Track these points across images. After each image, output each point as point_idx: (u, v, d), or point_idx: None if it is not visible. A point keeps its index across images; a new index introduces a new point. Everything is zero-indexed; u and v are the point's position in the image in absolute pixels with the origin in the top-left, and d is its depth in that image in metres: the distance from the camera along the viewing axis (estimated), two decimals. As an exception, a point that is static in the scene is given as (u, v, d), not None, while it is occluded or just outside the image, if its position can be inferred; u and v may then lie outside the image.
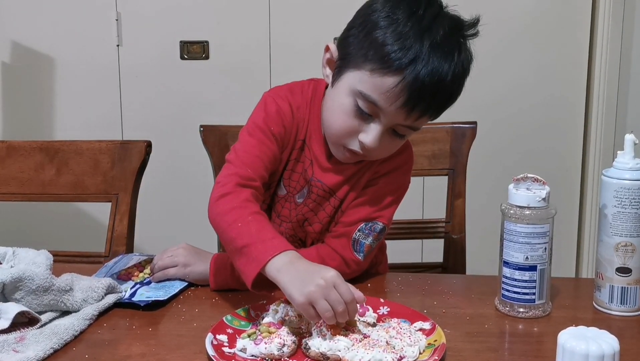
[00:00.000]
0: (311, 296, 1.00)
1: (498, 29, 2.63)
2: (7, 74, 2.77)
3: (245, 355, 1.00)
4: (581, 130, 2.69)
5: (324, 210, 1.30)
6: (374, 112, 1.16)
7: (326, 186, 1.28)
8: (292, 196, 1.31)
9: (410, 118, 1.15)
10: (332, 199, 1.29)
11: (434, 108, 1.17)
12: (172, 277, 1.27)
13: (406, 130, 1.20)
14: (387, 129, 1.17)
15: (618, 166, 1.12)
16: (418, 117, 1.16)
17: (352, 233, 1.27)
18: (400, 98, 1.12)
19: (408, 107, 1.13)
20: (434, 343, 1.02)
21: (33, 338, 1.04)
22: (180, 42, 2.68)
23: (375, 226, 1.28)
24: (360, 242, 1.27)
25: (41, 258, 1.19)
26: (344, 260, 1.26)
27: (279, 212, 1.33)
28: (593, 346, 0.84)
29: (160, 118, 2.71)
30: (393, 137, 1.20)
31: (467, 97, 2.92)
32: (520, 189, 1.12)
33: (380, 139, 1.17)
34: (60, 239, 2.49)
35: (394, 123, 1.17)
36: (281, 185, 1.31)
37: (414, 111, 1.14)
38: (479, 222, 2.17)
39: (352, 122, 1.18)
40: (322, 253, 1.26)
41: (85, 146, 1.62)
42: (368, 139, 1.17)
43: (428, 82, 1.12)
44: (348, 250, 1.26)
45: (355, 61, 1.16)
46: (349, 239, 1.27)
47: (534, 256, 1.11)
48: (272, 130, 1.25)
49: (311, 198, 1.30)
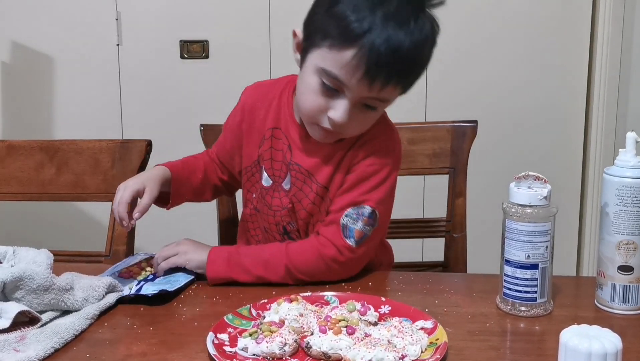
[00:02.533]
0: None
1: (499, 28, 2.63)
2: (7, 74, 2.76)
3: (247, 354, 1.00)
4: (582, 128, 2.69)
5: (307, 197, 1.31)
6: (339, 87, 1.18)
7: (303, 168, 1.30)
8: (279, 185, 1.34)
9: (374, 89, 1.17)
10: (313, 185, 1.30)
11: (397, 77, 1.18)
12: (173, 265, 1.28)
13: (375, 102, 1.21)
14: (355, 102, 1.20)
15: (620, 164, 1.12)
16: (382, 88, 1.18)
17: (339, 218, 1.27)
18: (359, 70, 1.15)
19: (368, 78, 1.15)
20: (436, 341, 1.01)
21: (34, 338, 1.04)
22: (180, 41, 2.68)
23: (363, 210, 1.27)
24: (349, 227, 1.26)
25: (42, 257, 1.19)
26: (337, 248, 1.26)
27: (270, 204, 1.35)
28: (596, 344, 0.84)
29: (161, 117, 2.71)
30: (364, 110, 1.22)
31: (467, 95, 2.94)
32: (522, 188, 1.12)
33: (350, 114, 1.20)
34: (60, 239, 2.50)
35: (360, 96, 1.19)
36: (265, 176, 1.34)
37: (375, 81, 1.16)
38: (479, 221, 2.17)
39: (320, 100, 1.21)
40: (318, 243, 1.27)
41: (85, 145, 1.62)
42: (337, 115, 1.20)
43: (384, 51, 1.14)
44: (338, 237, 1.26)
45: (316, 39, 1.19)
46: (337, 225, 1.27)
47: (536, 255, 1.11)
48: (229, 124, 1.39)
49: (293, 183, 1.32)
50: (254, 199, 1.39)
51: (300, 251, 1.26)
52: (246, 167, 1.39)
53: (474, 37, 2.64)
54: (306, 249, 1.26)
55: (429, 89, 2.67)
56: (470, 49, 2.64)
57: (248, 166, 1.38)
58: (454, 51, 2.63)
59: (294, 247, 1.28)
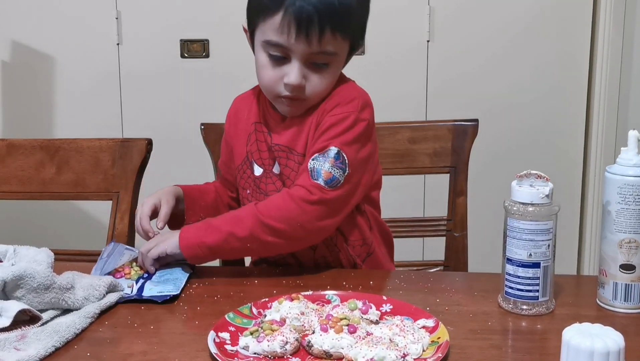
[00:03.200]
0: None
1: (499, 27, 2.63)
2: (7, 73, 2.76)
3: (248, 352, 1.00)
4: (582, 127, 2.69)
5: (293, 170, 1.34)
6: (284, 53, 1.26)
7: (283, 146, 1.35)
8: (269, 172, 1.38)
9: (312, 43, 1.23)
10: (295, 157, 1.34)
11: (330, 26, 1.23)
12: (156, 255, 1.28)
13: (322, 57, 1.26)
14: (304, 62, 1.26)
15: (621, 163, 1.11)
16: (319, 40, 1.23)
17: (306, 165, 1.28)
18: (292, 29, 1.23)
19: (302, 34, 1.22)
20: (438, 340, 1.01)
21: (34, 336, 1.04)
22: (180, 40, 2.68)
23: (328, 152, 1.28)
24: (316, 169, 1.27)
25: (42, 256, 1.19)
26: (306, 188, 1.26)
27: (265, 190, 1.38)
28: (598, 343, 0.83)
29: (161, 116, 2.70)
30: (316, 69, 1.27)
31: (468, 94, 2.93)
32: (524, 186, 1.11)
33: (302, 74, 1.26)
34: (61, 238, 2.50)
35: (304, 54, 1.25)
36: (256, 167, 1.39)
37: (309, 35, 1.22)
38: (480, 220, 2.17)
39: (273, 72, 1.28)
40: (287, 189, 1.29)
41: (85, 144, 1.62)
42: (290, 78, 1.26)
43: (307, 3, 1.21)
44: (307, 179, 1.27)
45: (254, 20, 1.29)
46: (306, 171, 1.28)
47: (538, 253, 1.11)
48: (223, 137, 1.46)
49: (279, 163, 1.36)
50: (249, 195, 1.41)
51: (270, 200, 1.29)
52: (238, 165, 1.42)
53: (474, 36, 2.63)
54: (275, 197, 1.29)
55: (429, 88, 2.66)
56: (471, 48, 2.64)
57: (239, 164, 1.42)
58: (455, 50, 2.63)
59: (264, 200, 1.31)
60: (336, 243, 1.37)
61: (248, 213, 1.27)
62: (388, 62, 2.63)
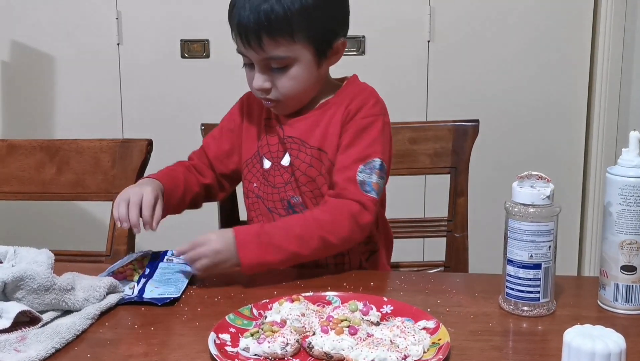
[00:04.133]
0: None
1: (500, 27, 2.62)
2: (7, 73, 2.76)
3: (248, 354, 1.00)
4: (583, 127, 2.68)
5: (304, 161, 1.36)
6: (248, 61, 1.34)
7: (296, 138, 1.37)
8: (278, 164, 1.39)
9: (258, 50, 1.29)
10: (308, 149, 1.36)
11: (268, 33, 1.27)
12: (205, 267, 1.26)
13: (275, 62, 1.31)
14: (260, 67, 1.32)
15: (623, 164, 1.11)
16: (262, 47, 1.28)
17: (354, 176, 1.30)
18: (238, 39, 1.31)
19: (246, 43, 1.29)
20: (438, 341, 1.01)
21: (34, 338, 1.03)
22: (180, 40, 2.68)
23: (373, 163, 1.32)
24: (366, 182, 1.31)
25: (42, 257, 1.19)
26: (362, 204, 1.29)
27: (273, 183, 1.40)
28: (599, 344, 0.83)
29: (161, 117, 2.70)
30: (277, 72, 1.32)
31: (469, 95, 2.93)
32: (525, 187, 1.11)
33: (263, 79, 1.32)
34: (61, 239, 2.49)
35: (257, 60, 1.31)
36: (264, 160, 1.40)
37: (250, 44, 1.29)
38: (481, 221, 2.17)
39: (249, 78, 1.36)
40: (343, 205, 1.29)
41: (85, 144, 1.62)
42: (253, 82, 1.33)
43: (245, 16, 1.28)
44: (360, 193, 1.30)
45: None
46: (355, 183, 1.30)
47: (539, 255, 1.11)
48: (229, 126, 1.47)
49: (290, 154, 1.37)
50: (255, 188, 1.43)
51: (331, 218, 1.29)
52: (247, 160, 1.44)
53: (475, 36, 2.63)
54: (335, 215, 1.29)
55: (430, 88, 2.66)
56: (472, 48, 2.64)
57: (248, 159, 1.43)
58: (456, 50, 2.63)
59: (320, 216, 1.29)
60: None
61: (312, 233, 1.27)
62: (389, 62, 2.63)
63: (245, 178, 1.45)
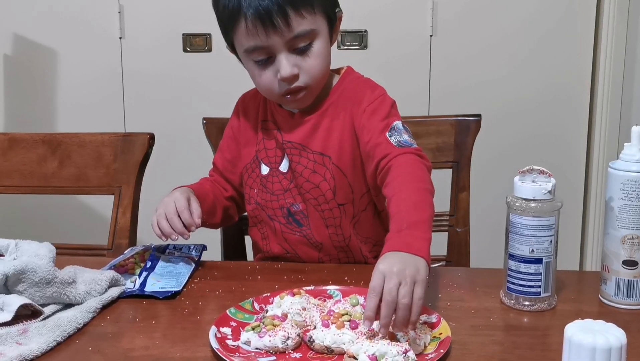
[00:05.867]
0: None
1: (503, 22, 2.62)
2: (9, 67, 2.76)
3: (250, 347, 1.00)
4: (585, 122, 2.68)
5: (306, 167, 1.34)
6: (266, 53, 1.26)
7: (296, 143, 1.35)
8: (276, 170, 1.37)
9: (285, 32, 1.23)
10: (310, 155, 1.34)
11: (293, 7, 1.23)
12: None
13: (300, 40, 1.26)
14: (287, 52, 1.26)
15: (625, 158, 1.11)
16: (289, 25, 1.23)
17: (389, 141, 1.26)
18: (258, 28, 1.23)
19: (270, 28, 1.23)
20: (439, 336, 1.01)
21: (36, 331, 1.04)
22: (182, 34, 2.67)
23: (396, 126, 1.29)
24: (401, 140, 1.27)
25: (44, 250, 1.19)
26: (413, 153, 1.24)
27: (272, 190, 1.38)
28: (600, 339, 0.83)
29: (163, 111, 2.70)
30: (302, 53, 1.27)
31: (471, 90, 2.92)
32: (526, 182, 1.11)
33: (292, 63, 1.26)
34: (63, 232, 2.49)
35: (284, 44, 1.25)
36: (262, 166, 1.39)
37: (277, 26, 1.23)
38: (482, 215, 2.17)
39: (265, 75, 1.29)
40: (400, 165, 1.23)
41: (87, 138, 1.62)
42: (283, 72, 1.26)
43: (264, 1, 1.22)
44: (402, 150, 1.25)
45: (228, 36, 1.31)
46: (393, 146, 1.25)
47: (540, 249, 1.10)
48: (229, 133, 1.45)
49: (290, 160, 1.35)
50: (255, 194, 1.41)
51: (408, 173, 1.21)
52: (246, 165, 1.42)
53: (478, 31, 2.63)
54: (407, 168, 1.21)
55: (432, 83, 2.66)
56: (474, 43, 2.63)
57: (248, 163, 1.42)
58: (458, 45, 2.62)
59: (401, 176, 1.20)
60: (348, 244, 1.37)
61: (419, 192, 1.16)
62: (391, 57, 2.62)
63: (245, 184, 1.43)
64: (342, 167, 1.33)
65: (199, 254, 1.34)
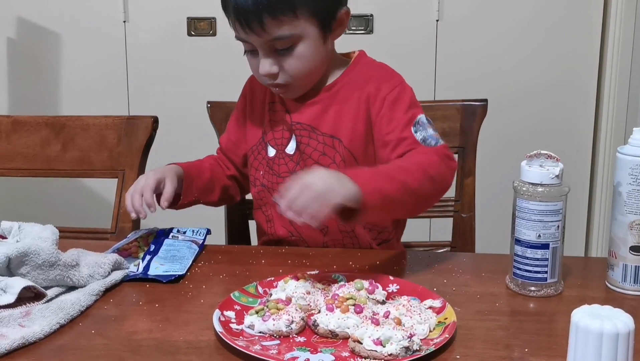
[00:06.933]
0: None
1: (509, 6, 2.59)
2: (13, 50, 2.75)
3: (253, 331, 0.99)
4: (593, 107, 2.66)
5: (315, 149, 1.33)
6: (251, 45, 1.29)
7: (305, 124, 1.34)
8: (282, 152, 1.37)
9: (262, 34, 1.24)
10: (319, 136, 1.33)
11: (270, 13, 1.22)
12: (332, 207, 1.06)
13: (280, 42, 1.26)
14: (265, 51, 1.27)
15: (633, 143, 1.10)
16: (265, 29, 1.23)
17: (414, 137, 1.26)
18: (237, 25, 1.26)
19: (247, 28, 1.24)
20: (445, 321, 1.00)
21: (39, 313, 1.03)
22: (187, 18, 2.66)
23: (420, 120, 1.29)
24: (427, 137, 1.27)
25: (47, 232, 1.19)
26: (439, 155, 1.23)
27: (278, 172, 1.38)
28: (607, 324, 0.82)
29: (167, 94, 2.69)
30: (283, 54, 1.27)
31: (477, 74, 2.90)
32: (533, 166, 1.10)
33: (269, 62, 1.27)
34: (66, 215, 2.49)
35: (261, 43, 1.26)
36: (268, 148, 1.38)
37: (252, 28, 1.23)
38: (488, 201, 2.16)
39: (253, 64, 1.31)
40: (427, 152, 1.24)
41: (91, 121, 1.61)
42: (260, 68, 1.29)
43: (243, 0, 1.22)
44: (426, 148, 1.25)
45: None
46: (418, 143, 1.26)
47: (547, 234, 1.10)
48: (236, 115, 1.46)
49: (298, 141, 1.34)
50: (261, 176, 1.40)
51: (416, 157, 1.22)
52: (252, 146, 1.42)
53: (484, 15, 2.60)
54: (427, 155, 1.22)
55: (438, 68, 2.64)
56: (480, 27, 2.61)
57: (254, 145, 1.41)
58: (464, 30, 2.61)
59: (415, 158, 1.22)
60: (354, 228, 1.36)
61: (412, 165, 1.19)
62: (396, 42, 2.60)
63: (251, 166, 1.43)
64: (354, 150, 1.32)
65: (203, 238, 1.34)
